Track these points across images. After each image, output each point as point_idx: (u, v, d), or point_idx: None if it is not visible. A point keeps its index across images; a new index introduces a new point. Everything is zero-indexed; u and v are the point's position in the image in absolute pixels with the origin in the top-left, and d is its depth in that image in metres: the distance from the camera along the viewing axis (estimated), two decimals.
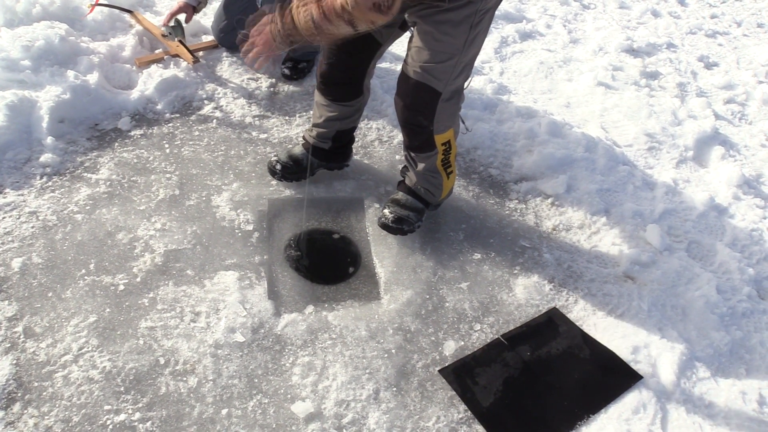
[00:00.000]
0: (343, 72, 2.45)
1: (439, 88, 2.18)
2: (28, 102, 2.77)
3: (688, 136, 3.47)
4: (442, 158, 2.40)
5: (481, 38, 2.18)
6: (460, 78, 2.23)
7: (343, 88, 2.50)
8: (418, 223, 2.53)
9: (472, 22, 2.06)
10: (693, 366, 2.24)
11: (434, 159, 2.39)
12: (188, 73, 3.25)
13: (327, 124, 2.60)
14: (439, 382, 2.10)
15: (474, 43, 2.15)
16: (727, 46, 4.83)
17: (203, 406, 1.92)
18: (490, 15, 2.14)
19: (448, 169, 2.46)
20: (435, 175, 2.45)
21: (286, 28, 1.93)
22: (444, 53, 2.11)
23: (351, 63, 2.42)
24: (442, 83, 2.17)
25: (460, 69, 2.18)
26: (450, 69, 2.15)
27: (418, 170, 2.46)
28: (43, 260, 2.27)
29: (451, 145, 2.40)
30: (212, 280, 2.29)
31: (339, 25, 1.86)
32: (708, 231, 2.90)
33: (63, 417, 1.84)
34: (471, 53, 2.18)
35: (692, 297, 2.48)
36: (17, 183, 2.54)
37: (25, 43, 2.96)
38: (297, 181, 2.73)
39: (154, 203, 2.56)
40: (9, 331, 2.04)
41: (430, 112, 2.24)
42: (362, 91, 2.53)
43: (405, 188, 2.56)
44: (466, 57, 2.17)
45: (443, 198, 2.59)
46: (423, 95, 2.20)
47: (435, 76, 2.15)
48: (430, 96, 2.19)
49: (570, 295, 2.47)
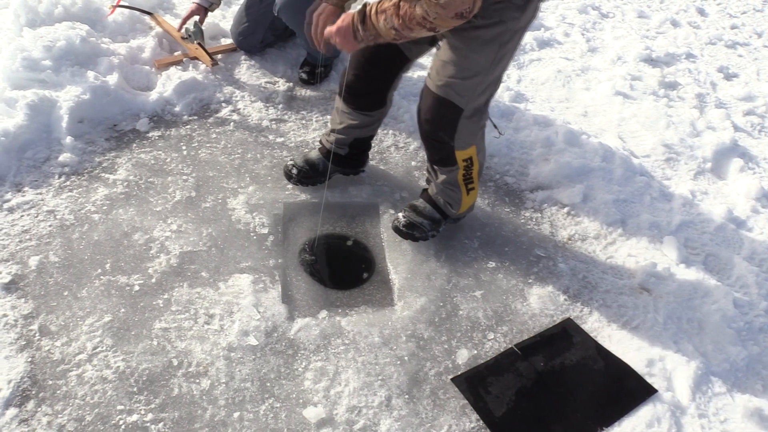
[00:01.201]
0: (368, 83, 2.44)
1: (461, 105, 2.15)
2: (49, 102, 2.80)
3: (707, 147, 3.44)
4: (463, 174, 2.39)
5: (509, 57, 2.15)
6: (484, 96, 2.21)
7: (366, 98, 2.50)
8: (432, 232, 2.52)
9: (501, 41, 2.04)
10: (709, 381, 2.21)
11: (455, 174, 2.38)
12: (206, 75, 3.27)
13: (346, 131, 2.59)
14: (452, 391, 2.09)
15: (501, 62, 2.12)
16: (747, 57, 4.78)
17: (215, 408, 1.93)
18: (519, 35, 2.11)
19: (470, 185, 2.44)
20: (454, 189, 2.44)
21: (370, 34, 1.97)
22: (469, 70, 2.09)
23: (377, 75, 2.42)
24: (464, 100, 2.15)
25: (485, 87, 2.16)
26: (474, 86, 2.13)
27: (438, 182, 2.45)
28: (59, 259, 2.29)
29: (474, 161, 2.38)
30: (227, 282, 2.30)
31: (420, 32, 1.89)
32: (726, 244, 2.86)
33: (76, 416, 1.85)
34: (497, 72, 2.16)
35: (709, 310, 2.45)
36: (36, 182, 2.56)
37: (47, 43, 2.99)
38: (313, 185, 2.74)
39: (170, 205, 2.57)
40: (25, 329, 2.05)
41: (451, 128, 2.22)
42: (385, 102, 2.53)
43: (426, 196, 2.56)
44: (492, 75, 2.14)
45: (462, 213, 2.58)
46: (445, 111, 2.18)
47: (458, 92, 2.13)
48: (452, 112, 2.17)
49: (585, 305, 2.45)
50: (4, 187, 2.51)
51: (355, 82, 2.43)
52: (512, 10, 1.97)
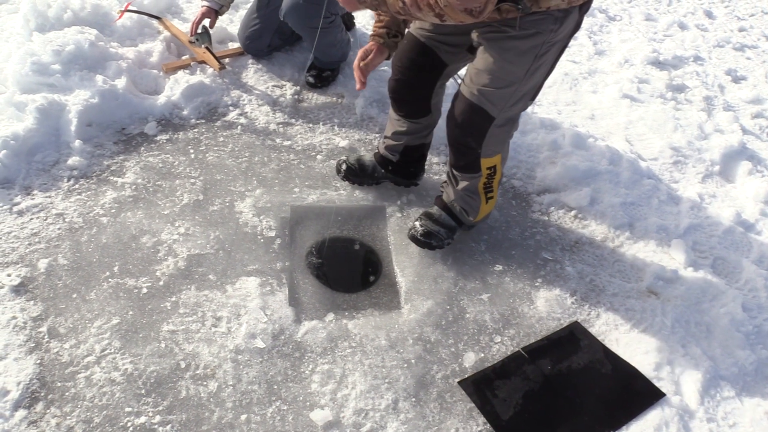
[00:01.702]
0: (408, 89, 2.45)
1: (493, 114, 2.15)
2: (58, 105, 2.82)
3: (715, 150, 3.42)
4: (484, 182, 2.39)
5: (545, 70, 2.14)
6: (517, 106, 2.20)
7: (409, 105, 2.52)
8: (448, 240, 2.52)
9: (537, 53, 2.03)
10: (717, 384, 2.20)
11: (477, 181, 2.38)
12: (214, 79, 3.28)
13: (396, 137, 2.63)
14: (459, 394, 2.09)
15: (536, 73, 2.11)
16: (755, 60, 4.76)
17: (223, 411, 1.93)
18: (557, 48, 2.09)
19: (489, 193, 2.44)
20: (474, 196, 2.44)
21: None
22: (504, 80, 2.08)
23: (416, 81, 2.42)
24: (497, 109, 2.14)
25: (518, 97, 2.15)
26: (508, 96, 2.12)
27: (457, 188, 2.44)
28: (68, 262, 2.30)
29: (497, 170, 2.38)
30: (234, 285, 2.31)
31: (428, 15, 1.85)
32: (734, 247, 2.85)
33: (84, 418, 1.86)
34: (532, 83, 2.15)
35: (717, 314, 2.44)
36: (45, 185, 2.58)
37: (56, 47, 3.01)
38: (359, 185, 2.80)
39: (178, 208, 2.58)
40: (34, 331, 2.06)
41: (480, 135, 2.22)
42: (430, 110, 2.53)
43: (441, 203, 2.55)
44: (526, 86, 2.13)
45: (478, 221, 2.57)
46: (476, 118, 2.18)
47: (491, 100, 2.13)
48: (483, 119, 2.17)
49: (592, 309, 2.45)
50: (14, 190, 2.53)
51: (396, 87, 2.46)
52: (549, 23, 1.95)
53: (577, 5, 1.98)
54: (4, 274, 2.22)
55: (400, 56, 2.37)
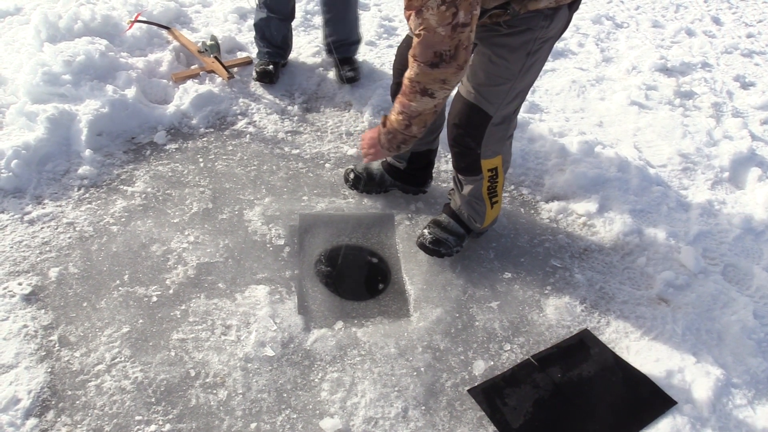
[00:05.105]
0: None
1: (490, 112, 2.17)
2: (68, 115, 2.84)
3: (724, 156, 3.41)
4: (488, 185, 2.40)
5: (538, 67, 2.17)
6: (513, 104, 2.23)
7: None
8: (457, 247, 2.52)
9: (530, 50, 2.05)
10: (729, 392, 2.18)
11: (480, 184, 2.39)
12: (223, 88, 3.30)
13: None
14: (468, 402, 2.08)
15: (530, 71, 2.14)
16: (763, 66, 4.74)
17: (232, 419, 1.93)
18: (549, 45, 2.13)
19: (494, 198, 2.45)
20: (479, 202, 2.44)
21: (389, 131, 2.12)
22: (499, 77, 2.11)
23: None
24: (494, 107, 2.17)
25: (514, 95, 2.18)
26: (503, 94, 2.15)
27: (463, 194, 2.45)
28: (79, 270, 2.32)
29: (498, 173, 2.39)
30: (243, 293, 2.31)
31: (419, 101, 1.96)
32: (744, 254, 2.83)
33: (95, 426, 1.86)
34: (526, 81, 2.18)
35: (728, 321, 2.43)
36: (56, 194, 2.60)
37: (67, 57, 3.04)
38: (367, 193, 2.81)
39: (187, 216, 2.60)
40: (45, 340, 2.07)
41: (479, 134, 2.24)
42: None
43: (449, 211, 2.56)
44: (521, 84, 2.16)
45: (486, 226, 2.57)
46: (473, 117, 2.20)
47: (488, 99, 2.15)
48: (481, 118, 2.19)
49: (602, 316, 2.44)
50: (25, 200, 2.55)
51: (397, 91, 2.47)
52: (540, 19, 1.98)
53: (565, 4, 2.00)
54: (16, 283, 2.23)
55: (400, 59, 2.38)
